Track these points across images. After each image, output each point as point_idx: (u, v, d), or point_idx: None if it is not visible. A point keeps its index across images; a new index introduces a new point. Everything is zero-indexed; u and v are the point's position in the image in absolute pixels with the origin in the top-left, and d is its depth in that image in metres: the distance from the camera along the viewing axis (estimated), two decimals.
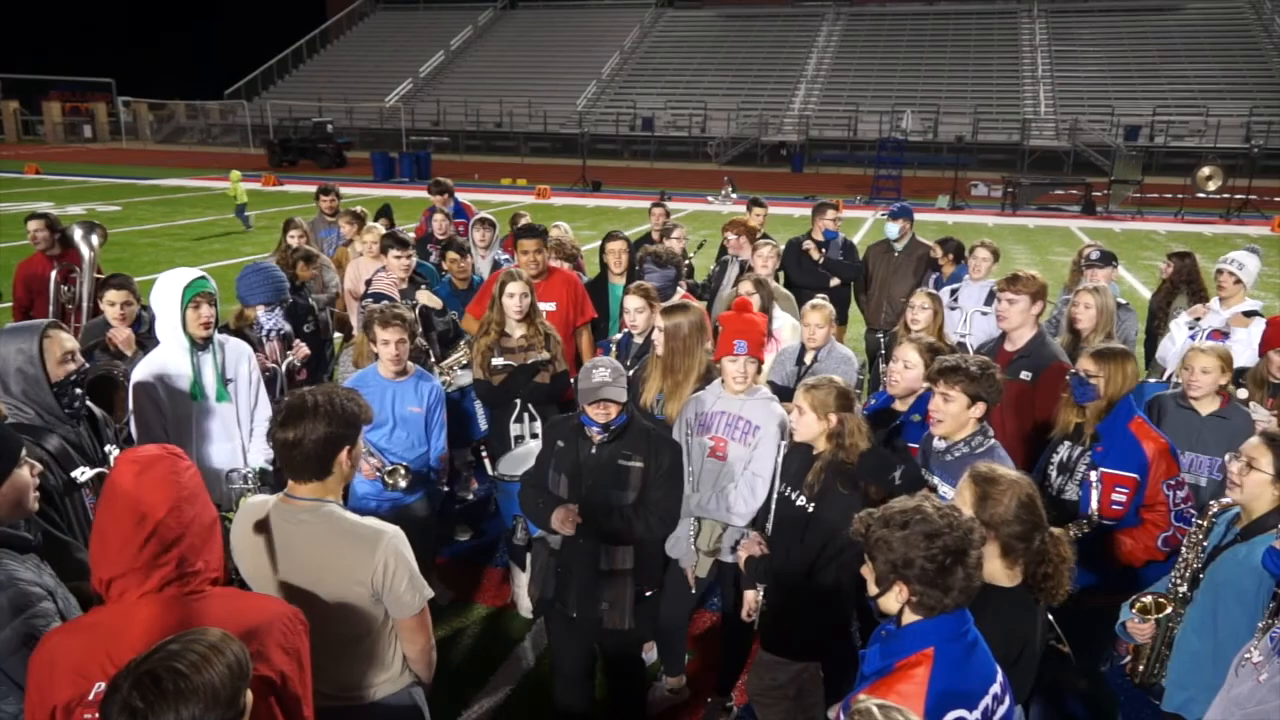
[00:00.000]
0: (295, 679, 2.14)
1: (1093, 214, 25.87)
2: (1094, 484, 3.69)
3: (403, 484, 4.25)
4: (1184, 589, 3.17)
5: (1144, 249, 19.74)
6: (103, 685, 1.96)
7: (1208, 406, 4.43)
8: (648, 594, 3.90)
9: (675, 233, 7.95)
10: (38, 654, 2.06)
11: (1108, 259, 6.51)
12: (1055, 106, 40.06)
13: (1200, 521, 3.24)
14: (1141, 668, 3.30)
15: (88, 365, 3.42)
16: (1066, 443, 4.02)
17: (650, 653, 4.79)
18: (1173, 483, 3.72)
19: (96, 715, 1.96)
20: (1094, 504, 3.67)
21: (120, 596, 2.06)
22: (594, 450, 3.76)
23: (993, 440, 3.63)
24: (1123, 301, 5.94)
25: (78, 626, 2.12)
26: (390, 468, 4.27)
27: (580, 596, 3.80)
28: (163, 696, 1.59)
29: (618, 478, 3.74)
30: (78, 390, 3.32)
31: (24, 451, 2.56)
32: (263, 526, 2.67)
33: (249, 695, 1.75)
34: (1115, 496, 3.74)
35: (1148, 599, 3.21)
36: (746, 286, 5.68)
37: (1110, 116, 37.68)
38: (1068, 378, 3.98)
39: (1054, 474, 4.02)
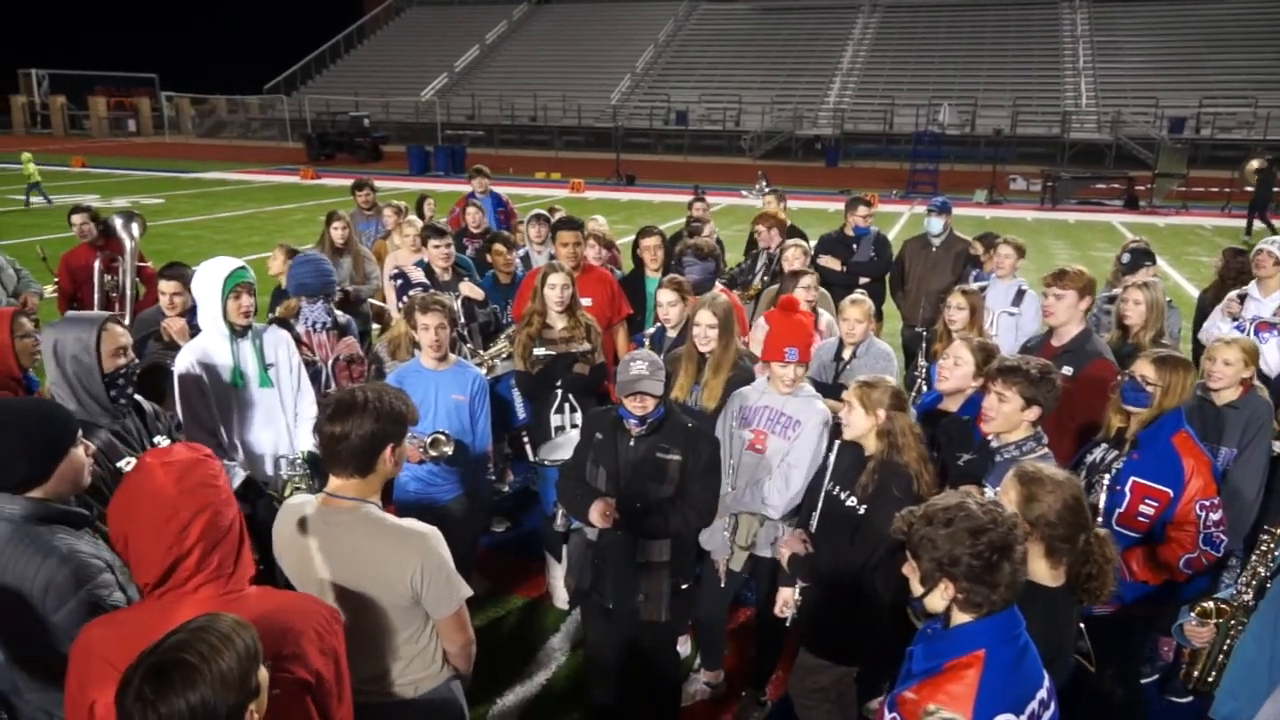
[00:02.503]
0: (331, 678, 2.14)
1: (1136, 209, 25.44)
2: (1125, 493, 3.61)
3: (448, 450, 4.26)
4: (1249, 597, 3.09)
5: (1189, 244, 19.40)
6: None
7: (1226, 397, 4.34)
8: (683, 587, 3.90)
9: (705, 229, 7.92)
10: (78, 644, 2.09)
11: (1138, 261, 6.24)
12: (1097, 98, 39.44)
13: (1275, 530, 3.15)
14: (1196, 673, 3.23)
15: (138, 361, 3.48)
16: (1104, 445, 3.90)
17: (684, 645, 4.80)
18: (1208, 504, 3.55)
19: None
20: (1101, 506, 3.59)
21: (161, 596, 2.09)
22: (632, 444, 3.76)
23: (1045, 449, 3.55)
24: (1167, 299, 5.81)
25: (117, 620, 2.15)
26: (431, 438, 4.26)
27: (616, 588, 3.81)
28: (171, 686, 1.63)
29: (656, 471, 3.73)
30: (127, 385, 3.38)
31: (79, 431, 2.63)
32: (303, 527, 2.69)
33: (262, 674, 1.78)
34: (1143, 509, 3.62)
35: (1209, 604, 3.14)
36: (807, 280, 5.70)
37: (1154, 108, 37.03)
38: (1120, 378, 3.87)
39: (1082, 473, 3.89)
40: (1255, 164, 20.12)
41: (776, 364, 4.09)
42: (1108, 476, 3.68)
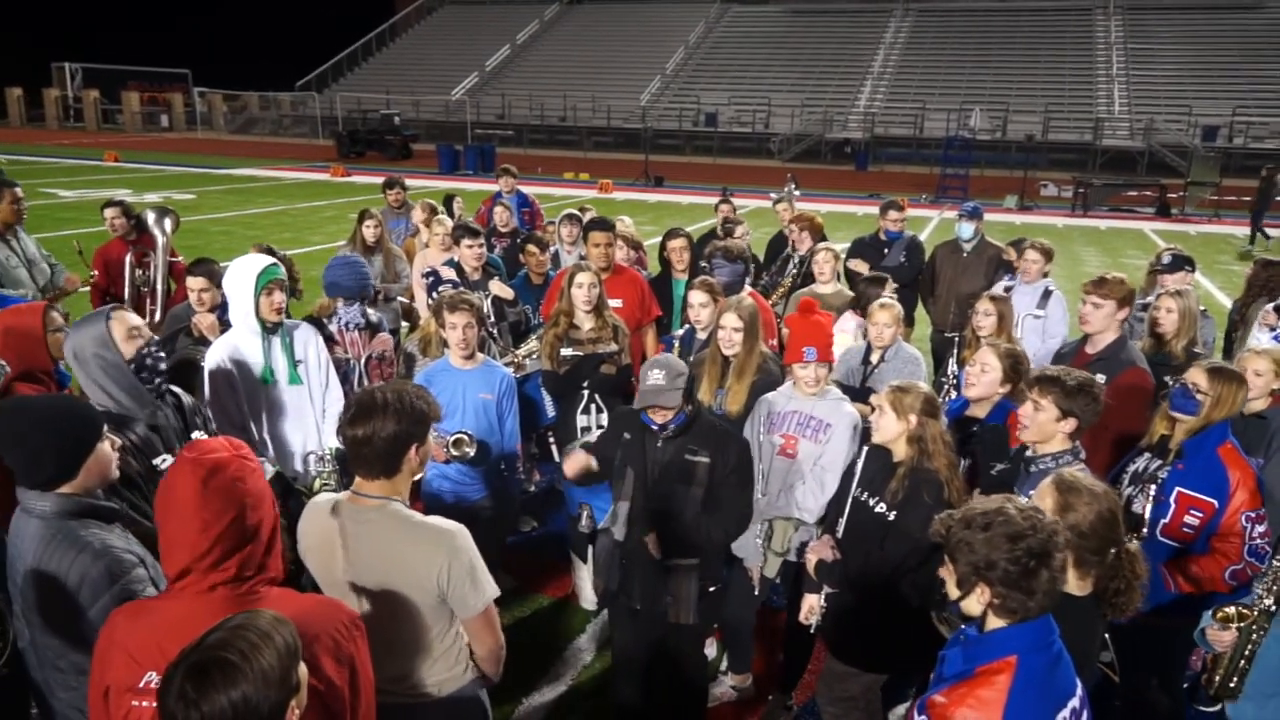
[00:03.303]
0: (344, 686, 2.12)
1: (1167, 216, 25.17)
2: (1170, 503, 3.57)
3: (470, 451, 4.26)
4: (1270, 603, 3.07)
5: (1221, 253, 19.15)
6: (154, 675, 1.99)
7: (1255, 407, 4.28)
8: (710, 590, 3.89)
9: (739, 230, 7.91)
10: (104, 630, 2.11)
11: (1178, 264, 6.15)
12: (1130, 106, 39.02)
13: None
14: (1218, 679, 3.20)
15: (156, 339, 3.48)
16: (1147, 454, 3.86)
17: (711, 648, 4.79)
18: (1253, 515, 3.53)
19: (144, 703, 2.01)
20: (1145, 517, 3.52)
21: (181, 591, 2.10)
22: (660, 445, 3.76)
23: (1081, 464, 3.49)
24: (1201, 308, 5.74)
25: (140, 610, 2.16)
26: (454, 437, 4.27)
27: (644, 590, 3.81)
28: (212, 685, 1.63)
29: (684, 473, 3.73)
30: (156, 365, 3.39)
31: (105, 426, 2.66)
32: (329, 525, 2.69)
33: (302, 670, 1.78)
34: (1188, 519, 3.58)
35: (1230, 609, 3.12)
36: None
37: (1188, 116, 36.60)
38: (1170, 382, 3.83)
39: (1125, 482, 3.88)
40: (1264, 171, 19.96)
41: (797, 365, 4.11)
42: (1153, 487, 3.65)
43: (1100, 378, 4.48)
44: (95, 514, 2.56)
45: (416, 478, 2.84)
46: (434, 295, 5.60)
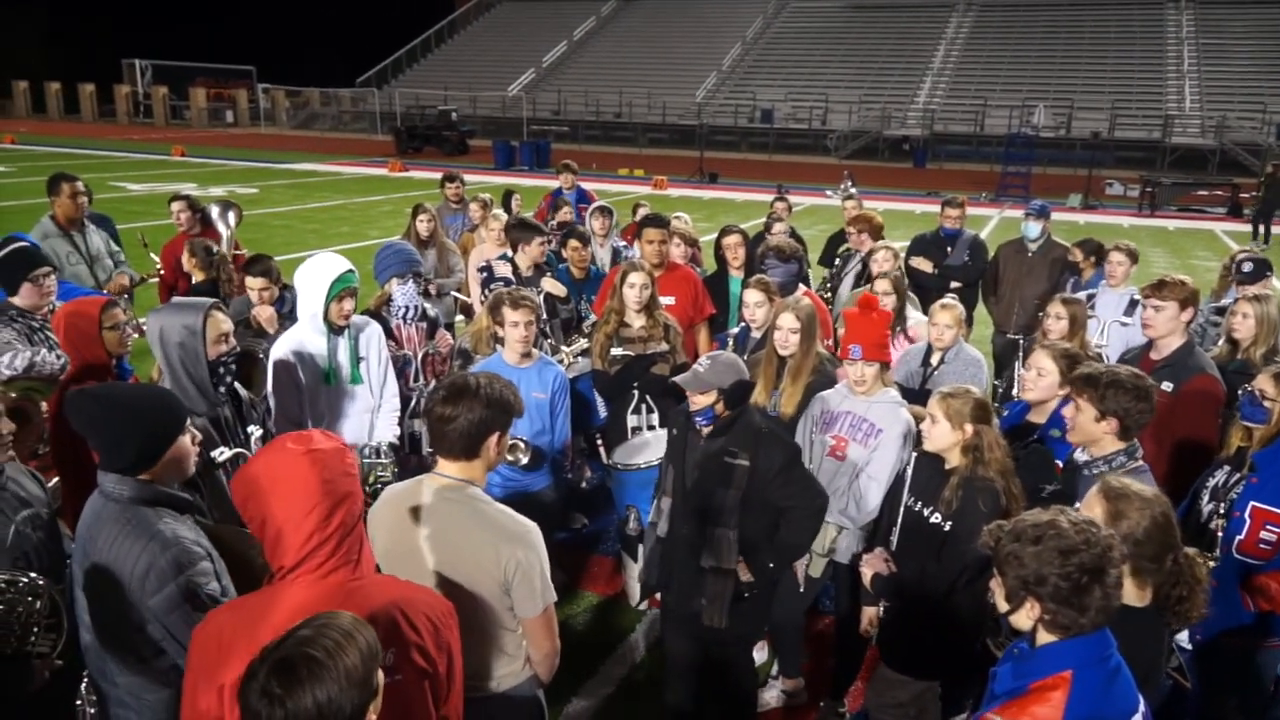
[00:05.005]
0: (444, 673, 2.16)
1: (1239, 216, 24.34)
2: (1245, 519, 3.42)
3: (523, 459, 4.27)
4: None
5: None
6: None
7: None
8: (745, 595, 3.73)
9: (776, 228, 7.82)
10: (203, 630, 2.10)
11: (1260, 270, 5.90)
12: (1201, 102, 37.90)
13: None
14: None
15: (239, 349, 3.56)
16: (1226, 467, 3.70)
17: (761, 652, 4.73)
18: None
19: None
20: (1237, 538, 3.39)
21: (295, 580, 2.09)
22: (701, 443, 3.68)
23: (1139, 463, 3.34)
24: None
25: (246, 605, 2.14)
26: (510, 442, 4.29)
27: (679, 590, 3.76)
28: (299, 681, 1.60)
29: (722, 475, 3.60)
30: (227, 374, 3.46)
31: (189, 420, 2.71)
32: (406, 505, 2.71)
33: (380, 676, 1.76)
34: (1265, 535, 3.41)
35: None
36: (884, 285, 5.57)
37: (1261, 113, 35.41)
38: (1240, 392, 3.69)
39: (1205, 499, 3.71)
40: (1269, 169, 19.26)
41: (846, 362, 4.06)
42: (1222, 504, 3.50)
43: (1167, 385, 4.35)
44: (171, 503, 2.60)
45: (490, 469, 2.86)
46: (488, 291, 5.60)
